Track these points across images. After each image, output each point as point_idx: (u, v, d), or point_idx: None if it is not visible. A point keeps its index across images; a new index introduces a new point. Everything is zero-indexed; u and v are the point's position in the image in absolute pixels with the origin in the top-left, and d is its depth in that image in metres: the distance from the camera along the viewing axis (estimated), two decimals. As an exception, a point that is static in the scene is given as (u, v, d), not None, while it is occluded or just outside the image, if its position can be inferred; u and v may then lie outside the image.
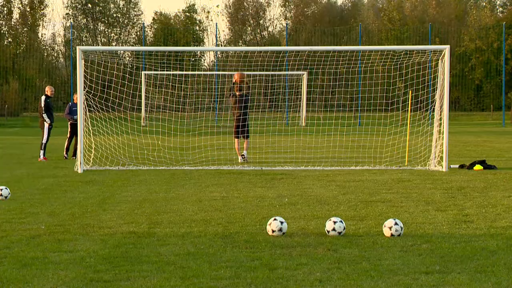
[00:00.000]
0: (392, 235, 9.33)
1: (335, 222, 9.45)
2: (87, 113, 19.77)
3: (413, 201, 12.64)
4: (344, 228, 9.47)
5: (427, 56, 29.19)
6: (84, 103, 18.83)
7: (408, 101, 21.14)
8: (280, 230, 9.44)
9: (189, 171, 18.02)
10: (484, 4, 71.99)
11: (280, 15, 74.40)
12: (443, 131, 18.30)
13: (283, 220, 9.54)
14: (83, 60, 18.75)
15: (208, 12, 77.60)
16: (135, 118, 30.89)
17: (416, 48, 24.16)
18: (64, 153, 21.93)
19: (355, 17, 71.05)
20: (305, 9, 73.47)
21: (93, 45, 66.85)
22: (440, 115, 18.58)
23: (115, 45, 68.85)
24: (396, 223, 9.39)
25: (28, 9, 65.77)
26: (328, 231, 9.44)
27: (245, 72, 20.71)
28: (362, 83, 45.19)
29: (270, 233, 9.47)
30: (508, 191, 13.99)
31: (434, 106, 19.20)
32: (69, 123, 22.22)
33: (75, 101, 22.39)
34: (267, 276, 7.35)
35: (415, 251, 8.51)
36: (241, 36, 72.67)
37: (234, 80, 21.15)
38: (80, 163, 17.85)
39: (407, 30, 61.60)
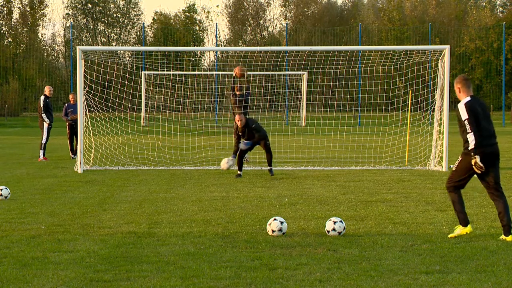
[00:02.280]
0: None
1: (335, 222, 9.45)
2: (87, 113, 19.78)
3: (413, 201, 12.64)
4: (344, 228, 9.48)
5: (427, 56, 29.16)
6: (84, 103, 18.83)
7: (408, 101, 21.14)
8: (280, 230, 9.44)
9: (189, 171, 18.02)
10: (484, 4, 71.99)
11: (280, 15, 74.44)
12: (443, 131, 18.30)
13: (283, 220, 9.54)
14: (83, 60, 18.75)
15: (208, 12, 77.59)
16: (135, 118, 30.88)
17: (416, 48, 24.16)
18: (71, 154, 21.89)
19: (355, 17, 71.02)
20: (305, 9, 73.45)
21: (93, 45, 66.83)
22: (440, 115, 18.58)
23: (115, 45, 68.83)
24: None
25: (28, 9, 65.74)
26: (328, 231, 9.44)
27: (245, 68, 20.72)
28: (362, 83, 45.17)
29: (270, 233, 9.47)
30: (508, 191, 13.98)
31: (434, 106, 19.20)
32: (67, 123, 22.29)
33: (71, 102, 22.40)
34: (267, 276, 7.35)
35: (415, 251, 8.51)
36: (241, 36, 72.66)
37: (234, 74, 21.10)
38: (80, 163, 17.85)
39: (407, 30, 61.59)
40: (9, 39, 63.95)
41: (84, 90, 18.75)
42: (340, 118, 30.98)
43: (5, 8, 65.25)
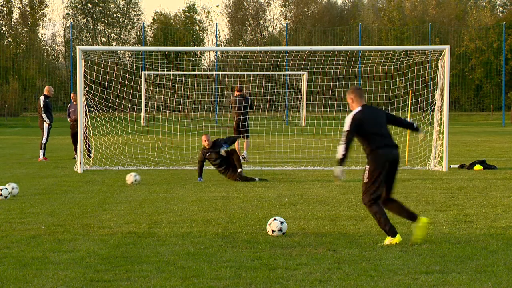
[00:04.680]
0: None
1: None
2: (87, 113, 19.77)
3: (413, 201, 12.64)
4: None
5: (427, 56, 29.16)
6: (84, 103, 18.83)
7: (408, 101, 21.14)
8: (280, 230, 9.44)
9: (189, 171, 18.01)
10: (484, 4, 72.00)
11: (280, 15, 74.46)
12: (443, 131, 18.30)
13: (283, 220, 9.55)
14: (83, 60, 18.75)
15: (208, 12, 77.62)
16: (135, 118, 30.88)
17: (416, 48, 24.14)
18: (75, 153, 21.78)
19: (355, 17, 71.04)
20: (305, 9, 73.46)
21: (93, 45, 66.85)
22: (440, 115, 18.58)
23: (115, 45, 68.84)
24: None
25: (28, 9, 65.75)
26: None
27: (245, 73, 20.78)
28: (362, 83, 45.15)
29: (270, 233, 9.47)
30: (508, 191, 13.99)
31: (434, 106, 19.20)
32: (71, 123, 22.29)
33: (73, 102, 22.34)
34: (267, 276, 7.35)
35: (415, 251, 8.50)
36: (241, 36, 72.67)
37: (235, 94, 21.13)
38: (80, 163, 17.85)
39: (407, 30, 61.60)
40: (9, 39, 63.96)
41: (84, 90, 18.74)
42: (340, 118, 30.89)
43: (5, 8, 65.26)
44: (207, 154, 16.26)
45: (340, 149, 9.02)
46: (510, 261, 8.00)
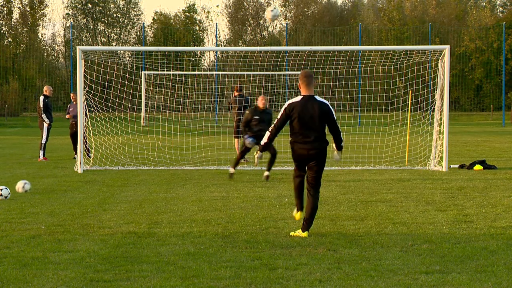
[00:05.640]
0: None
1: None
2: (87, 113, 19.77)
3: (413, 201, 12.64)
4: None
5: (427, 56, 29.17)
6: (84, 103, 18.83)
7: (408, 101, 21.15)
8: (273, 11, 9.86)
9: (189, 171, 18.02)
10: (484, 4, 72.00)
11: (280, 15, 74.42)
12: (443, 131, 18.30)
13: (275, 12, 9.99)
14: (83, 60, 18.74)
15: (208, 12, 77.60)
16: (135, 118, 30.88)
17: (416, 48, 24.14)
18: (75, 153, 21.80)
19: (355, 17, 71.05)
20: (305, 9, 73.47)
21: (93, 45, 66.84)
22: (440, 115, 18.58)
23: (115, 45, 68.84)
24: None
25: (28, 9, 65.75)
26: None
27: (245, 73, 20.77)
28: (362, 83, 45.17)
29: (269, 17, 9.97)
30: (508, 191, 13.99)
31: (434, 106, 19.20)
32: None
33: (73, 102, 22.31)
34: (267, 276, 7.35)
35: (415, 251, 8.51)
36: (241, 36, 72.66)
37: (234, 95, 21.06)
38: (80, 163, 17.85)
39: (407, 30, 61.59)
40: (9, 39, 63.95)
41: (84, 90, 18.75)
42: (340, 118, 30.95)
43: (5, 8, 65.24)
44: (256, 116, 15.97)
45: (266, 135, 9.45)
46: (510, 261, 8.01)
